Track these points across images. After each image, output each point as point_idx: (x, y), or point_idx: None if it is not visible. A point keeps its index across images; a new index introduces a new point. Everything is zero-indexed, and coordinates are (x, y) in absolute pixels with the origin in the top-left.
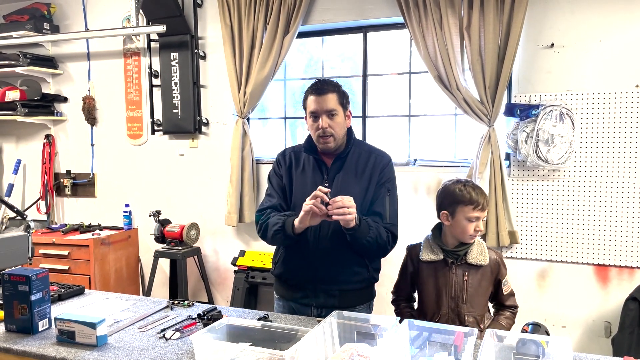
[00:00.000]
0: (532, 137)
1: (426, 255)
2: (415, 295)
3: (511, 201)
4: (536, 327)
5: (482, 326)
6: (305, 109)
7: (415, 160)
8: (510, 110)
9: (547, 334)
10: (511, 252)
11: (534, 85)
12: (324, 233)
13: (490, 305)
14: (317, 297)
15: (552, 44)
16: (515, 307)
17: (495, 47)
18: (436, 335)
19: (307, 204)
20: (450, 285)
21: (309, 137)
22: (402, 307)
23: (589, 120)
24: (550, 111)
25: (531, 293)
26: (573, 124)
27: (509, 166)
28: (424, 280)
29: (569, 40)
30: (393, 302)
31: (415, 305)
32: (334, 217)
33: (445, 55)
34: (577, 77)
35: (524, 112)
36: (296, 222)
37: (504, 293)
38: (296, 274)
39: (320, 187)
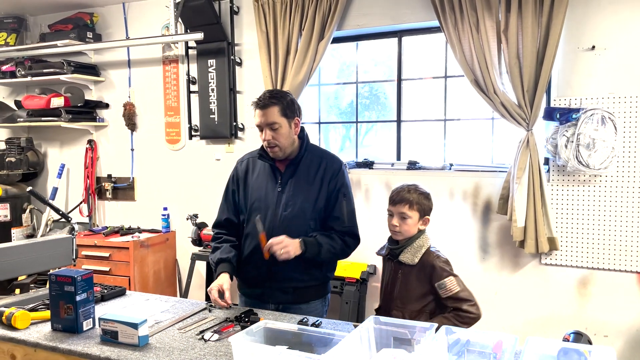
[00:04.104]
0: (572, 142)
1: (379, 251)
2: None
3: (550, 207)
4: (578, 336)
5: None
6: None
7: (451, 165)
8: (550, 114)
9: (590, 343)
10: (550, 259)
11: (574, 89)
12: (278, 234)
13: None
14: (273, 294)
15: (593, 47)
16: (461, 310)
17: (533, 50)
18: (474, 343)
19: (212, 297)
20: (386, 280)
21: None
22: None
23: (632, 124)
24: (591, 115)
25: (572, 301)
26: (615, 128)
27: (548, 171)
28: None
29: (611, 43)
30: None
31: None
32: (279, 258)
33: (482, 59)
34: (620, 80)
35: (564, 115)
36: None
37: (443, 296)
38: (253, 274)
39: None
